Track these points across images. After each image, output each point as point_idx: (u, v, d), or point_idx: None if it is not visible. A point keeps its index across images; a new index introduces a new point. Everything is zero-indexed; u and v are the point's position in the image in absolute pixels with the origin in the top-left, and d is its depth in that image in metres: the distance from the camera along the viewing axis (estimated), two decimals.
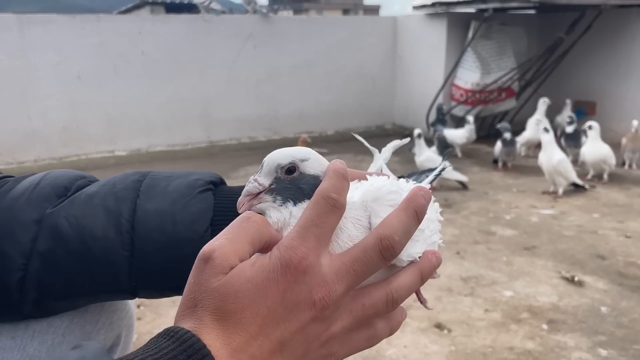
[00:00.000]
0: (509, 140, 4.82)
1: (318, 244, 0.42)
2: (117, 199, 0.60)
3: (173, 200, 0.60)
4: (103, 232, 0.59)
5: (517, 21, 6.61)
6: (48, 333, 0.62)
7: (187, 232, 0.59)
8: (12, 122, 5.06)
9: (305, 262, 0.41)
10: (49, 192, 0.62)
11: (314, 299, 0.41)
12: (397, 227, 0.44)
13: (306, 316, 0.41)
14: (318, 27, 6.55)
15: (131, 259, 0.59)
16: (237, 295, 0.40)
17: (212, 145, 6.06)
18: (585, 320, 2.30)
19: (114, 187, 0.62)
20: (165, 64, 5.64)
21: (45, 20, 5.08)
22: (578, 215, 3.70)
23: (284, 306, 0.41)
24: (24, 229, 0.59)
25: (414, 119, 6.86)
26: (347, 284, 0.43)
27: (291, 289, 0.40)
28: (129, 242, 0.59)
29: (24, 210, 0.60)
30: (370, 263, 0.43)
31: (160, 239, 0.59)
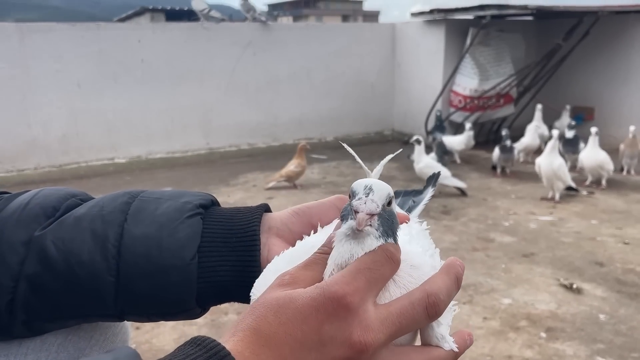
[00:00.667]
0: (507, 146, 4.84)
1: (367, 287, 0.42)
2: (105, 222, 0.59)
3: (160, 225, 0.59)
4: (89, 256, 0.58)
5: (514, 28, 6.64)
6: (42, 350, 0.62)
7: (173, 259, 0.58)
8: (12, 130, 5.07)
9: (349, 299, 0.41)
10: (38, 213, 0.61)
11: (353, 339, 0.41)
12: (442, 286, 0.46)
13: (340, 354, 0.41)
14: (317, 35, 6.58)
15: (117, 284, 0.58)
16: (277, 311, 0.42)
17: (211, 152, 6.08)
18: (584, 328, 2.31)
19: (102, 209, 0.61)
20: (164, 71, 5.66)
21: (45, 28, 5.11)
22: (576, 221, 3.71)
23: (320, 336, 0.41)
24: (13, 251, 0.58)
25: (412, 125, 6.89)
26: (389, 334, 0.43)
27: (330, 321, 0.41)
28: (115, 267, 0.58)
29: (13, 231, 0.59)
30: (415, 318, 0.44)
31: (146, 265, 0.58)
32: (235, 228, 0.59)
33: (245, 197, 4.46)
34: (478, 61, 6.11)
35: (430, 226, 0.53)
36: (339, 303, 0.41)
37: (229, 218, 0.60)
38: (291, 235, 0.60)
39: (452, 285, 0.47)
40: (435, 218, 3.84)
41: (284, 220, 0.61)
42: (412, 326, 0.45)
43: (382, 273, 0.44)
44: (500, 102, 6.25)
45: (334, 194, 0.64)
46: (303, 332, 0.41)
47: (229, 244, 0.59)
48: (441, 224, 3.72)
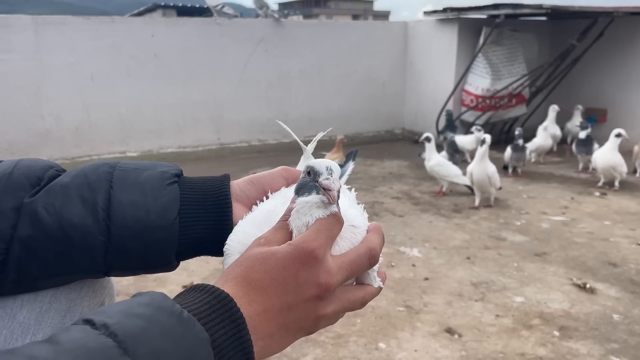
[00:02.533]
0: (519, 145, 4.81)
1: (327, 242, 0.55)
2: (92, 190, 0.66)
3: (144, 191, 0.67)
4: (81, 219, 0.64)
5: (528, 27, 6.60)
6: (36, 301, 0.67)
7: (159, 220, 0.66)
8: (26, 122, 5.11)
9: (317, 252, 0.54)
10: (23, 182, 0.66)
11: (320, 281, 0.54)
12: (377, 243, 0.60)
13: (311, 292, 0.54)
14: (329, 32, 6.57)
15: (107, 243, 0.65)
16: (262, 262, 0.53)
17: (222, 148, 6.09)
18: (598, 328, 2.29)
19: (86, 177, 0.67)
20: (177, 66, 5.68)
21: (60, 21, 5.14)
22: (589, 222, 3.69)
23: (296, 280, 0.53)
24: (3, 216, 0.63)
25: (423, 124, 6.87)
26: (343, 277, 0.56)
27: (304, 269, 0.53)
28: (106, 228, 0.65)
29: (1, 198, 0.64)
30: (361, 266, 0.58)
31: (135, 226, 0.65)
32: (209, 193, 0.70)
33: None
34: (491, 60, 6.09)
35: (441, 224, 0.55)
36: (309, 255, 0.53)
37: (201, 185, 0.71)
38: (248, 200, 0.72)
39: (382, 241, 0.62)
40: (446, 216, 3.83)
41: (242, 187, 0.73)
42: (358, 272, 0.59)
43: (335, 232, 0.57)
44: (513, 102, 6.22)
45: None
46: (284, 277, 0.53)
47: (204, 206, 0.69)
48: (452, 222, 3.70)
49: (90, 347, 0.41)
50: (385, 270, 2.57)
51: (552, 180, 4.88)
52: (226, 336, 0.48)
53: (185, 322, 0.46)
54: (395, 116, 7.11)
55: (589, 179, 4.83)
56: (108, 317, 0.44)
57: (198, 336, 0.46)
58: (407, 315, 2.41)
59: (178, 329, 0.45)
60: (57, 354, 0.40)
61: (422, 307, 2.49)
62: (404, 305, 2.50)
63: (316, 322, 0.56)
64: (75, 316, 0.69)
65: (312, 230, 0.56)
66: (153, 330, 0.44)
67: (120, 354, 0.41)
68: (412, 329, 2.30)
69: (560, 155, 5.85)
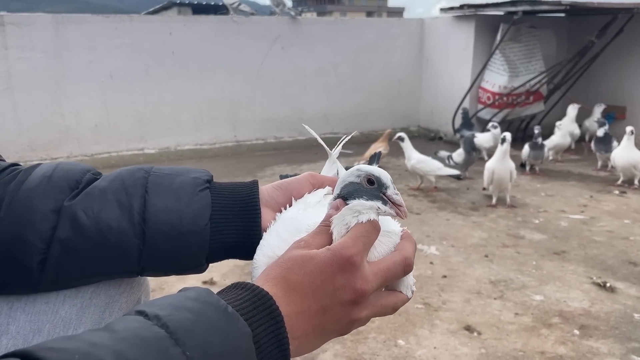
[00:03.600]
0: (538, 143, 4.77)
1: (364, 249, 0.58)
2: (128, 194, 0.69)
3: (178, 197, 0.70)
4: (118, 223, 0.68)
5: (546, 24, 6.54)
6: (77, 297, 0.70)
7: (191, 225, 0.69)
8: (47, 119, 5.19)
9: (354, 258, 0.56)
10: (63, 185, 0.69)
11: (356, 287, 0.55)
12: (411, 251, 0.62)
13: (347, 297, 0.55)
14: (345, 29, 6.57)
15: (142, 246, 0.68)
16: (302, 265, 0.55)
17: (238, 145, 6.13)
18: (618, 327, 2.28)
19: (123, 182, 0.70)
20: (194, 64, 5.72)
21: (79, 19, 5.20)
22: (608, 220, 3.65)
23: (334, 284, 0.55)
24: (44, 217, 0.66)
25: (439, 121, 6.84)
26: (378, 284, 0.58)
27: (341, 274, 0.55)
28: (141, 232, 0.68)
29: (43, 201, 0.67)
30: (396, 274, 0.60)
31: (169, 230, 0.69)
32: (238, 199, 0.73)
33: None
34: (508, 58, 6.04)
35: (459, 221, 0.56)
36: (347, 261, 0.55)
37: (231, 191, 0.74)
38: (277, 205, 0.74)
39: (415, 249, 0.64)
40: (463, 214, 3.83)
41: (270, 193, 0.75)
42: (393, 279, 0.61)
43: (372, 239, 0.59)
44: (530, 100, 6.16)
45: None
46: (322, 280, 0.55)
47: (234, 211, 0.72)
48: (470, 220, 3.70)
49: (145, 336, 0.44)
50: None
51: (571, 178, 4.84)
52: (265, 332, 0.50)
53: (230, 316, 0.48)
54: (411, 114, 7.09)
55: (608, 177, 4.78)
56: (160, 310, 0.47)
57: (242, 330, 0.48)
58: (425, 313, 2.42)
59: (224, 323, 0.48)
60: (114, 341, 0.43)
61: (440, 305, 2.50)
62: (422, 303, 2.51)
63: (349, 325, 0.58)
64: (114, 312, 0.73)
65: (350, 236, 0.58)
66: (201, 323, 0.47)
67: (172, 344, 0.44)
68: (430, 326, 2.31)
69: (579, 153, 5.80)
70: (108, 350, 0.42)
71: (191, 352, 0.44)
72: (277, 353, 0.51)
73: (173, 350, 0.44)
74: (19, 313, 0.68)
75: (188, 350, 0.44)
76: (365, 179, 0.61)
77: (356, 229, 0.58)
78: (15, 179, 0.70)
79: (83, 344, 0.42)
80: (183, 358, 0.43)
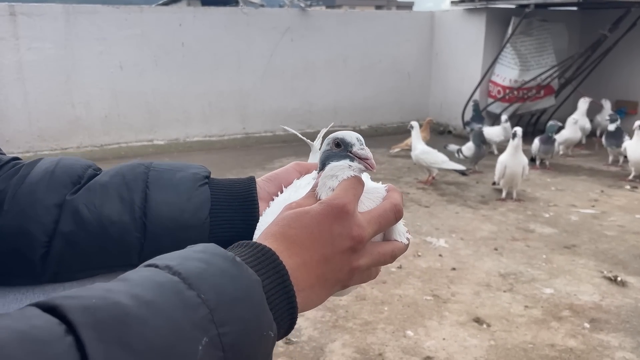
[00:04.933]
0: (548, 138, 4.73)
1: (354, 199, 0.59)
2: (129, 189, 0.71)
3: (179, 192, 0.72)
4: (119, 216, 0.69)
5: (558, 17, 6.48)
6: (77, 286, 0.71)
7: (191, 219, 0.71)
8: (57, 110, 5.21)
9: (348, 206, 0.57)
10: (65, 180, 0.71)
11: (353, 234, 0.56)
12: (399, 199, 0.64)
13: (345, 244, 0.56)
14: (355, 22, 6.54)
15: (143, 239, 0.69)
16: (297, 219, 0.56)
17: (247, 137, 6.13)
18: (629, 321, 2.27)
19: (124, 177, 0.72)
20: (204, 55, 5.72)
21: (90, 10, 5.21)
22: (619, 215, 3.63)
23: (331, 233, 0.56)
24: (47, 211, 0.68)
25: (448, 115, 6.81)
26: (373, 230, 0.59)
27: (337, 222, 0.56)
28: (142, 225, 0.69)
29: (46, 195, 0.69)
30: (388, 220, 0.61)
31: (170, 224, 0.70)
32: (237, 194, 0.75)
33: None
34: (519, 51, 5.99)
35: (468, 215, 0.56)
36: (341, 209, 0.57)
37: (230, 187, 0.76)
38: (268, 195, 0.76)
39: (402, 198, 0.65)
40: (473, 207, 3.81)
41: (262, 186, 0.77)
42: (387, 225, 0.62)
43: (359, 190, 0.61)
44: (541, 94, 6.12)
45: None
46: (319, 231, 0.56)
47: (232, 206, 0.74)
48: (479, 213, 3.68)
49: (159, 281, 0.45)
50: (412, 260, 2.57)
51: (581, 173, 4.81)
52: (272, 285, 0.51)
53: (238, 265, 0.49)
54: (421, 107, 7.06)
55: (619, 172, 4.74)
56: (169, 260, 0.48)
57: (251, 278, 0.49)
58: (434, 304, 2.41)
59: (234, 270, 0.48)
60: (129, 286, 0.44)
61: (449, 297, 2.49)
62: (431, 295, 2.50)
63: (351, 273, 0.58)
64: None
65: (339, 189, 0.59)
66: (212, 271, 0.48)
67: (186, 287, 0.45)
68: (440, 318, 2.30)
69: (589, 148, 5.75)
70: (125, 294, 0.42)
71: (206, 295, 0.45)
72: (285, 305, 0.52)
73: (188, 293, 0.44)
74: (13, 304, 0.69)
75: (202, 293, 0.45)
76: (333, 144, 0.65)
77: (342, 184, 0.60)
78: (18, 173, 0.71)
79: (99, 291, 0.42)
80: (198, 300, 0.44)
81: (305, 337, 2.16)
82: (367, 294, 2.50)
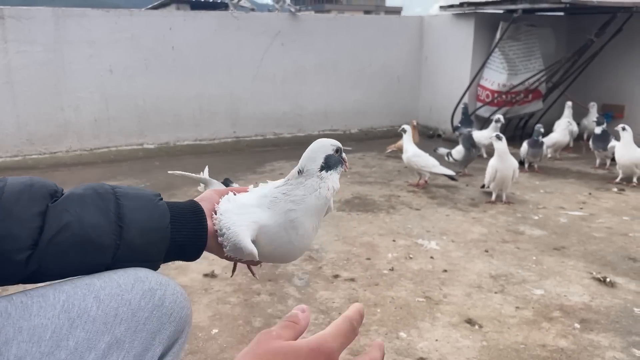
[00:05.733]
0: (537, 141, 4.79)
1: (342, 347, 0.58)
2: (103, 199, 0.82)
3: (145, 202, 0.85)
4: (97, 221, 0.79)
5: (546, 23, 6.56)
6: None
7: (157, 223, 0.84)
8: (46, 113, 5.17)
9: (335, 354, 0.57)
10: (45, 192, 0.79)
11: None
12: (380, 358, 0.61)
13: None
14: (345, 26, 6.57)
15: (119, 240, 0.80)
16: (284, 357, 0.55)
17: (238, 141, 6.13)
18: (619, 321, 2.30)
19: (96, 191, 0.83)
20: (194, 59, 5.71)
21: (80, 13, 5.18)
22: (607, 217, 3.67)
23: None
24: (32, 218, 0.75)
25: (438, 118, 6.86)
26: None
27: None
28: (118, 229, 0.80)
29: (28, 205, 0.76)
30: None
31: (141, 227, 0.82)
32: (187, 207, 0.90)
33: None
34: (507, 56, 6.06)
35: (459, 217, 0.59)
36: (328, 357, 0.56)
37: (179, 204, 0.91)
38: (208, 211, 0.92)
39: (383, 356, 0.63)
40: (463, 210, 3.84)
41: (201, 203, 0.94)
42: None
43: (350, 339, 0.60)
44: (529, 98, 6.18)
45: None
46: None
47: (185, 217, 0.88)
48: (469, 216, 3.71)
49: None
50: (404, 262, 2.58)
51: (569, 175, 4.86)
52: None
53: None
54: (410, 110, 7.10)
55: (606, 175, 4.81)
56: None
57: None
58: (426, 306, 2.43)
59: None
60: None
61: (441, 298, 2.51)
62: (423, 296, 2.52)
63: None
64: None
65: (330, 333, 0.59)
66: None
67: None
68: (432, 319, 2.32)
69: (577, 152, 5.82)
70: None
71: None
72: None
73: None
74: None
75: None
76: (334, 150, 0.85)
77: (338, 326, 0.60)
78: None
79: None
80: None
81: None
82: (359, 297, 2.51)
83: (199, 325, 2.25)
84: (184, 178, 1.78)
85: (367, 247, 3.10)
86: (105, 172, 4.96)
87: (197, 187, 2.97)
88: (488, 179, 4.03)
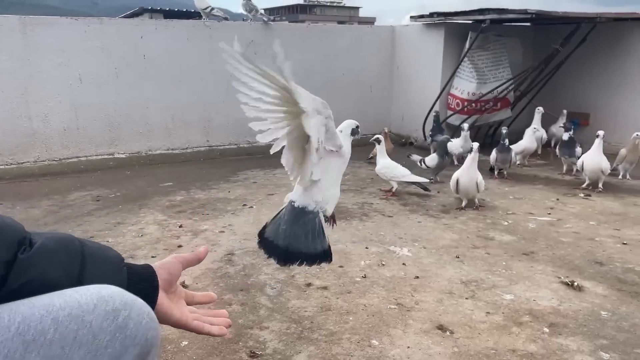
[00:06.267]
0: (504, 147, 4.87)
1: None
2: (71, 259, 0.84)
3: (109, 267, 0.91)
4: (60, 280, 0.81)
5: (513, 33, 6.71)
6: None
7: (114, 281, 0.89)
8: (13, 123, 5.06)
9: None
10: (13, 240, 0.78)
11: None
12: None
13: None
14: (317, 36, 6.61)
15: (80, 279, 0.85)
16: None
17: (211, 150, 6.09)
18: (587, 324, 2.35)
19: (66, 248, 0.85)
20: (166, 68, 5.67)
21: (48, 22, 5.10)
22: (575, 222, 3.76)
23: None
24: None
25: (410, 127, 6.94)
26: None
27: None
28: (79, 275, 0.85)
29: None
30: None
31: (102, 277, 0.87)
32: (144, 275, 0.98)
33: (245, 194, 4.47)
34: (476, 65, 6.17)
35: (430, 224, 0.59)
36: None
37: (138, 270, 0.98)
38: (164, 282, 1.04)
39: None
40: (434, 217, 3.88)
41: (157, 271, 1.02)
42: None
43: None
44: (498, 106, 6.31)
45: None
46: None
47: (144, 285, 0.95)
48: (441, 222, 3.75)
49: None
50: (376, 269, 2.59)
51: (538, 182, 4.97)
52: None
53: None
54: (383, 119, 7.16)
55: (573, 181, 4.93)
56: None
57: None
58: (398, 313, 2.44)
59: None
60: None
61: (413, 305, 2.53)
62: (395, 303, 2.53)
63: None
64: None
65: None
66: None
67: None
68: (404, 326, 2.33)
69: (545, 158, 5.95)
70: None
71: None
72: None
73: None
74: None
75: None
76: (356, 126, 2.19)
77: None
78: None
79: None
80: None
81: (270, 349, 2.15)
82: (332, 305, 2.51)
83: (168, 337, 2.22)
84: (155, 187, 1.76)
85: (339, 255, 3.10)
86: (75, 182, 4.86)
87: (167, 197, 2.94)
88: (452, 188, 4.12)
